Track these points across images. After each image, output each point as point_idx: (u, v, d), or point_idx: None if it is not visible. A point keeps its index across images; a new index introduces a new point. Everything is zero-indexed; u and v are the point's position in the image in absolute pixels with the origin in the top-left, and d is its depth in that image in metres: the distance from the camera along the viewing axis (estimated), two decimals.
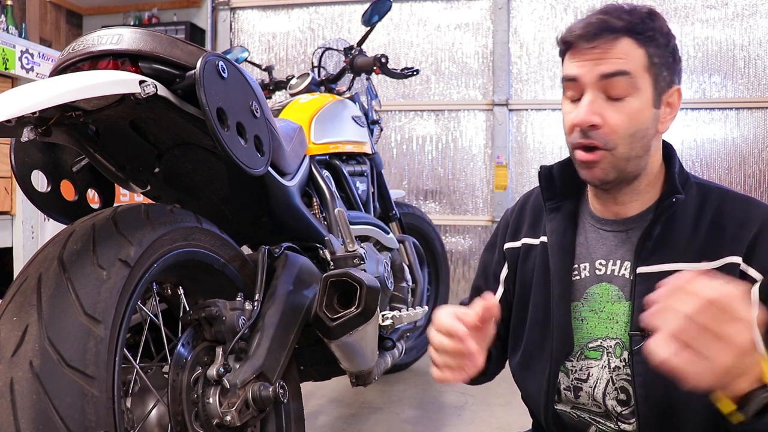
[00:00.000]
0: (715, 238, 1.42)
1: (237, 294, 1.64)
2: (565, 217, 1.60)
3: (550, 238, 1.59)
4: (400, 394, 3.53)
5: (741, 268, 1.38)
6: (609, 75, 1.38)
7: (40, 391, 1.08)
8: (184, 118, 1.54)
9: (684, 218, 1.46)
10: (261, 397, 1.55)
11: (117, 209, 1.40)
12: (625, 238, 1.52)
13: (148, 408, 1.47)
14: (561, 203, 1.61)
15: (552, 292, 1.56)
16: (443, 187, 5.31)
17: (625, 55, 1.38)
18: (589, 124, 1.39)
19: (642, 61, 1.39)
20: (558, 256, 1.57)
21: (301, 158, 2.27)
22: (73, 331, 1.14)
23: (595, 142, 1.40)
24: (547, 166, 1.65)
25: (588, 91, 1.41)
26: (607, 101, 1.40)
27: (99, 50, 1.45)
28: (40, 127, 1.44)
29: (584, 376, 1.57)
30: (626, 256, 1.51)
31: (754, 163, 4.79)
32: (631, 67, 1.38)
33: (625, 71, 1.37)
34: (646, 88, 1.40)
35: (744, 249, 1.38)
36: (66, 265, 1.21)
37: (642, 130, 1.41)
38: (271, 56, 5.62)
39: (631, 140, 1.40)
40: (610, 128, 1.39)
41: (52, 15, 5.54)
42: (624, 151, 1.40)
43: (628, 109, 1.39)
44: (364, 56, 3.10)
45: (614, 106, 1.39)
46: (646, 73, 1.39)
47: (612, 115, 1.39)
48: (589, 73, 1.40)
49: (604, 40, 1.38)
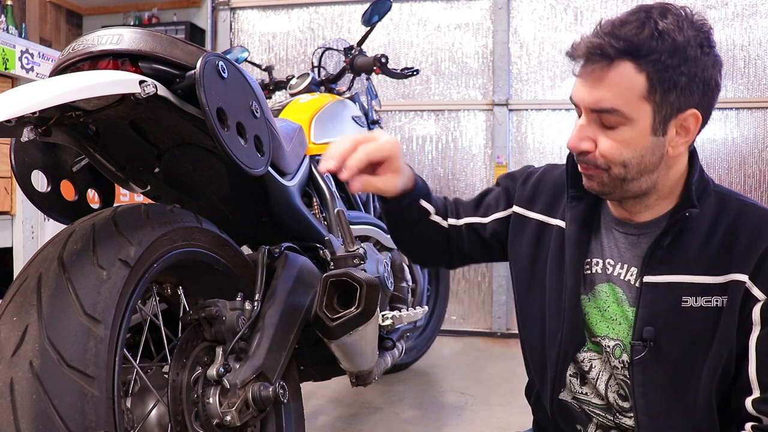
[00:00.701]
0: (727, 251, 1.41)
1: (237, 294, 1.64)
2: (586, 209, 1.58)
3: (568, 227, 1.58)
4: (400, 394, 3.53)
5: (746, 285, 1.37)
6: (598, 111, 1.36)
7: (40, 391, 1.08)
8: (184, 118, 1.54)
9: (697, 229, 1.44)
10: (261, 397, 1.55)
11: (117, 209, 1.40)
12: (635, 242, 1.51)
13: (148, 408, 1.47)
14: (583, 194, 1.57)
15: (566, 282, 1.56)
16: (443, 187, 5.30)
17: (622, 82, 1.32)
18: (578, 151, 1.41)
19: (639, 89, 1.32)
20: (574, 248, 1.56)
21: (301, 158, 2.27)
22: (73, 331, 1.14)
23: (587, 165, 1.42)
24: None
25: (584, 114, 1.40)
26: (600, 128, 1.38)
27: (99, 50, 1.45)
28: (40, 127, 1.44)
29: (587, 367, 1.58)
30: (634, 261, 1.50)
31: (754, 163, 4.78)
32: (621, 101, 1.33)
33: (612, 109, 1.34)
34: (643, 117, 1.35)
35: (752, 266, 1.37)
36: (66, 265, 1.21)
37: (636, 157, 1.37)
38: (271, 56, 5.62)
39: (624, 165, 1.38)
40: (600, 154, 1.39)
41: (52, 15, 5.54)
42: (619, 173, 1.39)
43: (620, 137, 1.36)
44: (364, 56, 3.10)
45: (606, 133, 1.38)
46: (644, 102, 1.33)
47: (603, 141, 1.38)
48: (583, 100, 1.39)
49: (599, 66, 1.34)
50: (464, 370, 4.05)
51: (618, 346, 1.52)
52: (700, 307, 1.41)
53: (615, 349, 1.52)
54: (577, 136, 1.40)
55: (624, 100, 1.33)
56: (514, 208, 1.72)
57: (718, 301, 1.40)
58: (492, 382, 3.71)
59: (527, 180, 1.74)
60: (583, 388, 1.60)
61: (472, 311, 5.15)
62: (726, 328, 1.39)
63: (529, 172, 1.77)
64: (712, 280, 1.40)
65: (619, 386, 1.54)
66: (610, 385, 1.55)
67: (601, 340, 1.54)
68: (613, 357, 1.52)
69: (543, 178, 1.72)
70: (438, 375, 3.95)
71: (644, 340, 1.44)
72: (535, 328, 1.65)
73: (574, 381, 1.61)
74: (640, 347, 1.45)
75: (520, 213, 1.71)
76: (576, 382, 1.61)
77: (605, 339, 1.54)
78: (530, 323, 1.67)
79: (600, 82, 1.34)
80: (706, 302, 1.41)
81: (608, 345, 1.53)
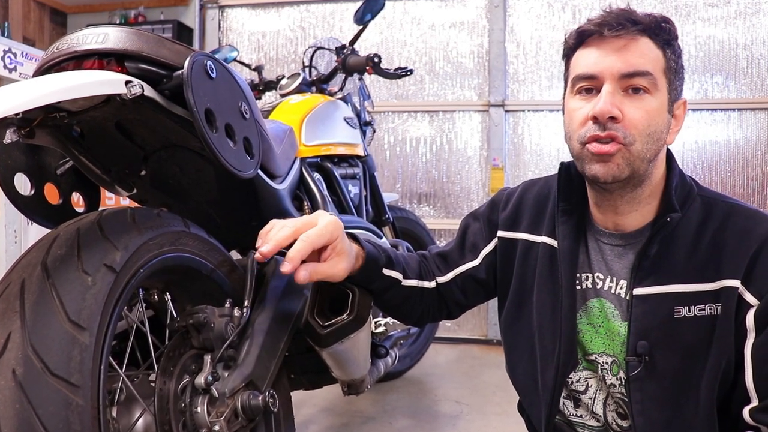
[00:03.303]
0: (716, 256, 1.40)
1: (225, 300, 1.64)
2: (578, 223, 1.57)
3: (561, 243, 1.57)
4: (393, 403, 3.53)
5: (739, 291, 1.36)
6: (632, 73, 1.36)
7: (23, 400, 1.07)
8: (172, 119, 1.54)
9: (684, 236, 1.43)
10: (250, 406, 1.54)
11: (102, 213, 1.39)
12: (622, 253, 1.50)
13: (134, 417, 1.46)
14: (575, 207, 1.58)
15: (561, 302, 1.54)
16: (438, 191, 5.31)
17: (648, 52, 1.38)
18: (609, 115, 1.36)
19: (661, 63, 1.39)
20: (568, 265, 1.55)
21: (291, 161, 2.27)
22: (57, 339, 1.14)
23: (614, 133, 1.37)
24: (567, 162, 1.62)
25: (608, 82, 1.38)
26: (626, 96, 1.38)
27: (84, 50, 1.45)
28: (23, 128, 1.44)
29: (582, 387, 1.57)
30: (622, 274, 1.50)
31: (757, 166, 4.80)
32: (653, 67, 1.38)
33: (647, 72, 1.37)
34: (663, 91, 1.40)
35: (743, 271, 1.36)
36: (50, 270, 1.20)
37: (658, 132, 1.39)
38: (260, 56, 5.62)
39: (648, 139, 1.38)
40: (629, 122, 1.37)
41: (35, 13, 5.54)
42: (640, 149, 1.38)
43: (648, 106, 1.38)
44: (356, 56, 3.11)
45: (633, 102, 1.38)
46: (663, 77, 1.40)
47: (631, 110, 1.37)
48: (612, 66, 1.38)
49: (628, 31, 1.37)
50: (459, 379, 4.06)
51: (615, 363, 1.51)
52: (694, 316, 1.39)
53: (612, 366, 1.52)
54: (609, 101, 1.36)
55: (654, 66, 1.38)
56: (499, 233, 1.72)
57: (711, 309, 1.39)
58: (488, 390, 3.72)
59: (508, 202, 1.75)
60: (577, 410, 1.60)
61: (467, 318, 5.15)
62: (722, 336, 1.37)
63: (508, 193, 1.77)
64: (704, 287, 1.39)
65: (617, 405, 1.53)
66: (608, 404, 1.55)
67: (597, 357, 1.53)
68: (611, 374, 1.52)
69: (524, 196, 1.73)
70: (432, 383, 3.96)
71: (639, 355, 1.42)
72: (525, 352, 1.64)
73: (567, 403, 1.61)
74: (636, 363, 1.43)
75: (505, 237, 1.71)
76: (570, 405, 1.60)
77: (602, 356, 1.53)
78: (521, 346, 1.66)
79: (628, 50, 1.38)
80: (699, 311, 1.39)
81: (605, 362, 1.52)
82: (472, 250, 1.76)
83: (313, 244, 1.40)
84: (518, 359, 1.68)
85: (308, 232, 1.40)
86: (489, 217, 1.77)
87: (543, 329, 1.58)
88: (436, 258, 1.81)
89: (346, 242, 1.51)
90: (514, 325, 1.68)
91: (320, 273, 1.45)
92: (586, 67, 1.42)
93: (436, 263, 1.79)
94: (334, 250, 1.47)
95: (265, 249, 1.38)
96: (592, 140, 1.39)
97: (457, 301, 1.78)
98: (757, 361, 1.35)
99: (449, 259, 1.79)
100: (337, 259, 1.48)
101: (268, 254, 1.38)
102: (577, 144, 1.44)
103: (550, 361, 1.56)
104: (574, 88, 1.46)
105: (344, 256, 1.50)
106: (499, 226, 1.73)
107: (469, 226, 1.81)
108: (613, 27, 1.38)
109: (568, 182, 1.60)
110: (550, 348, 1.56)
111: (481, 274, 1.74)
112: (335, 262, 1.48)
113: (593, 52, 1.41)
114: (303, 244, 1.38)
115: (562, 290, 1.54)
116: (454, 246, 1.80)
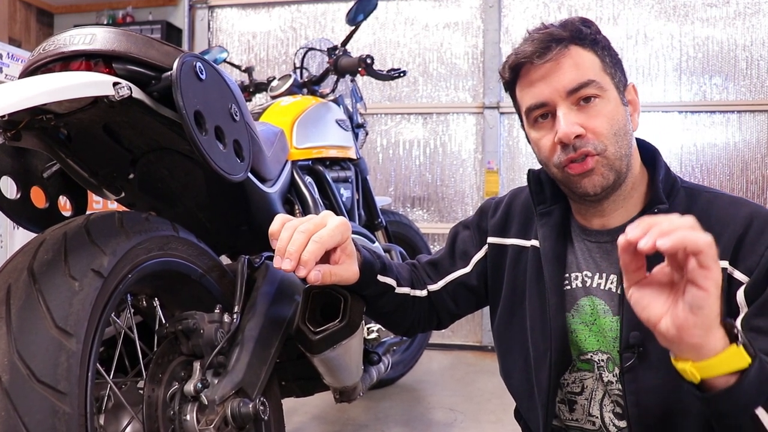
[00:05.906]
0: None
1: (215, 306, 1.64)
2: (557, 224, 1.61)
3: (542, 244, 1.61)
4: (386, 410, 3.53)
5: (728, 271, 1.38)
6: (577, 87, 1.43)
7: (9, 408, 1.07)
8: (160, 121, 1.54)
9: None
10: (240, 414, 1.54)
11: (90, 217, 1.39)
12: (610, 249, 1.53)
13: (122, 425, 1.46)
14: (551, 208, 1.63)
15: (548, 302, 1.57)
16: (431, 194, 5.32)
17: (582, 60, 1.44)
18: (575, 135, 1.43)
19: (597, 64, 1.46)
20: (552, 265, 1.58)
21: (282, 164, 2.28)
22: (43, 345, 1.14)
23: (586, 149, 1.43)
24: (536, 170, 1.67)
25: (559, 105, 1.45)
26: (580, 109, 1.44)
27: (71, 51, 1.45)
28: (9, 131, 1.44)
29: (578, 388, 1.58)
30: (611, 269, 1.52)
31: (756, 169, 4.82)
32: (593, 73, 1.44)
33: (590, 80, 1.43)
34: (610, 88, 1.46)
35: (730, 252, 1.38)
36: (36, 275, 1.20)
37: (622, 128, 1.46)
38: (251, 57, 5.62)
39: (616, 139, 1.44)
40: (594, 132, 1.43)
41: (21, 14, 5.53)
42: (614, 151, 1.44)
43: (604, 110, 1.44)
44: (348, 57, 3.11)
45: (589, 112, 1.44)
46: (604, 74, 1.46)
47: (590, 120, 1.43)
48: (556, 89, 1.44)
49: (557, 52, 1.44)
50: (453, 386, 4.06)
51: (610, 359, 1.52)
52: None
53: (608, 363, 1.53)
54: (566, 123, 1.43)
55: (593, 72, 1.45)
56: (489, 239, 1.76)
57: None
58: (482, 398, 3.72)
59: (497, 209, 1.79)
60: (573, 414, 1.60)
61: (462, 324, 5.15)
62: None
63: (496, 201, 1.82)
64: None
65: (614, 404, 1.54)
66: (605, 404, 1.55)
67: (593, 355, 1.55)
68: (607, 371, 1.53)
69: (512, 203, 1.77)
70: (426, 390, 3.96)
71: (632, 347, 1.44)
72: (520, 357, 1.66)
73: (563, 408, 1.62)
74: (629, 355, 1.45)
75: (495, 243, 1.75)
76: (565, 409, 1.61)
77: (597, 354, 1.54)
78: (515, 351, 1.68)
79: (563, 67, 1.44)
80: None
81: (601, 360, 1.54)
82: (463, 257, 1.79)
83: (325, 245, 1.39)
84: (513, 364, 1.69)
85: (320, 232, 1.40)
86: (478, 224, 1.80)
87: (535, 331, 1.61)
88: (427, 266, 1.83)
89: (352, 244, 1.52)
90: (508, 331, 1.69)
91: (335, 275, 1.45)
92: (533, 97, 1.48)
93: (426, 271, 1.81)
94: (344, 252, 1.47)
95: (287, 266, 1.36)
96: (568, 162, 1.46)
97: (448, 310, 1.79)
98: (747, 331, 1.36)
99: (440, 266, 1.81)
100: (349, 262, 1.49)
101: (291, 270, 1.37)
102: (556, 170, 1.51)
103: (543, 362, 1.58)
104: (530, 119, 1.52)
105: (353, 258, 1.51)
106: (489, 233, 1.76)
107: (458, 234, 1.84)
108: (541, 53, 1.45)
109: (539, 187, 1.65)
110: (542, 349, 1.58)
111: (472, 281, 1.76)
112: (348, 265, 1.48)
113: (533, 82, 1.48)
114: (315, 246, 1.37)
115: (547, 290, 1.57)
116: (444, 254, 1.83)
